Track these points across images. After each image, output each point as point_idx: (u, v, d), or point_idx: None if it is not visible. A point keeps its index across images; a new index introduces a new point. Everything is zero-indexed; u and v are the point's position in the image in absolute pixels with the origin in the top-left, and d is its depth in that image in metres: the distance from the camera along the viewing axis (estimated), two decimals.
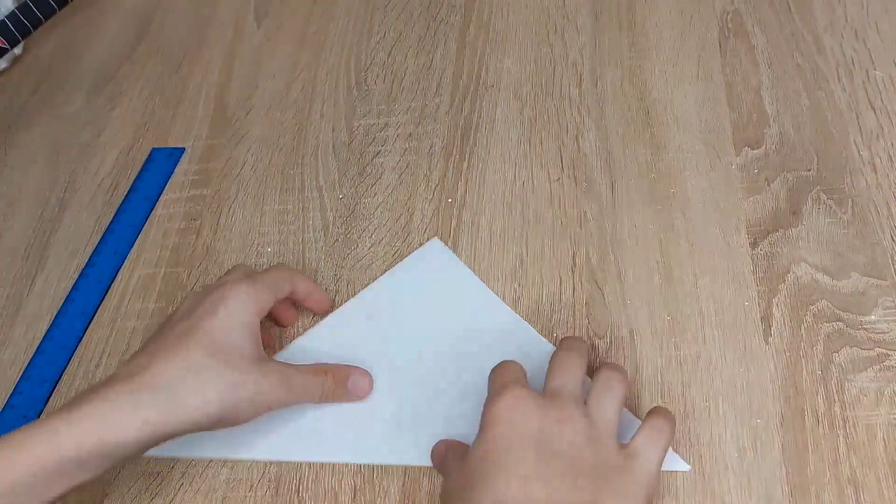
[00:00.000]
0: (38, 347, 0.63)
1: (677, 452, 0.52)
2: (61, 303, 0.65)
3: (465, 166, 0.69)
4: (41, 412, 0.60)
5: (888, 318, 0.56)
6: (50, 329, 0.64)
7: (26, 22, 0.78)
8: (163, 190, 0.72)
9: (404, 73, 0.76)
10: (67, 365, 0.62)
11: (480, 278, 0.62)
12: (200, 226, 0.69)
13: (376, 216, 0.67)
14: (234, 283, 0.54)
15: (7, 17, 0.77)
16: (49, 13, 0.79)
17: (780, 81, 0.69)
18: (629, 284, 0.60)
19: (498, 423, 0.47)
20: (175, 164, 0.73)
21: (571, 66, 0.74)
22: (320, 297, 0.61)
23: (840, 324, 0.56)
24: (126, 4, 0.89)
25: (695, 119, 0.68)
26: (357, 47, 0.80)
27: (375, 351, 0.59)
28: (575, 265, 0.61)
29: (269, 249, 0.66)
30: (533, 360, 0.53)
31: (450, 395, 0.56)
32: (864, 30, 0.71)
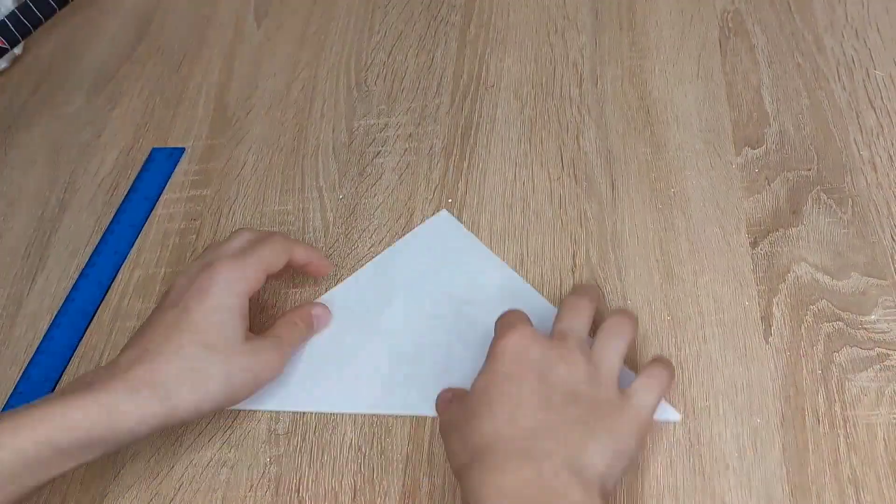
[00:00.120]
0: (39, 347, 0.63)
1: (677, 452, 0.52)
2: (61, 302, 0.65)
3: (465, 166, 0.69)
4: None
5: (888, 317, 0.56)
6: (50, 329, 0.64)
7: (26, 22, 0.78)
8: (163, 190, 0.72)
9: (404, 73, 0.76)
10: (67, 365, 0.62)
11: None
12: (200, 226, 0.69)
13: (376, 216, 0.67)
14: (222, 264, 0.54)
15: (7, 17, 0.77)
16: (49, 13, 0.79)
17: (781, 81, 0.69)
18: (629, 283, 0.60)
19: (502, 357, 0.49)
20: (175, 164, 0.73)
21: (571, 65, 0.74)
22: (319, 262, 0.61)
23: (840, 323, 0.56)
24: (126, 4, 0.89)
25: (695, 118, 0.68)
26: (357, 47, 0.80)
27: (389, 314, 0.61)
28: (575, 264, 0.61)
29: None
30: (538, 323, 0.55)
31: (458, 351, 0.58)
32: (864, 29, 0.71)
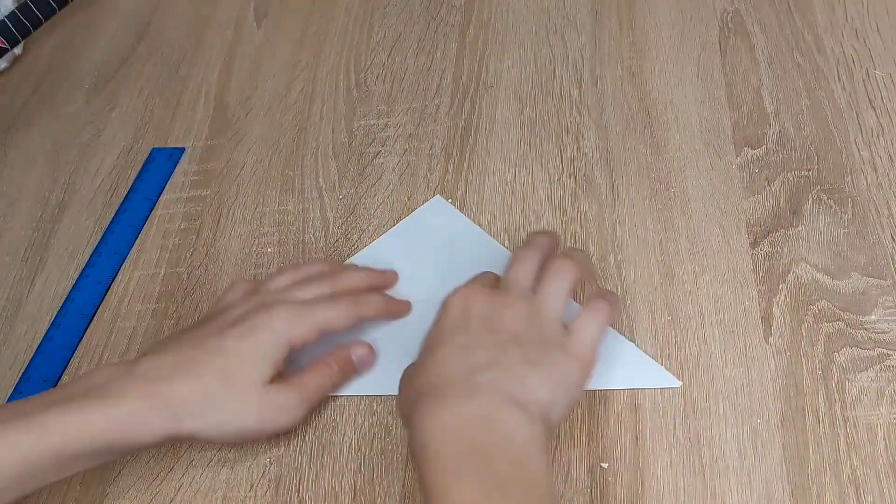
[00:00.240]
0: (38, 347, 0.63)
1: (677, 452, 0.52)
2: (61, 303, 0.65)
3: (465, 167, 0.69)
4: None
5: (888, 317, 0.56)
6: (50, 329, 0.64)
7: (26, 22, 0.78)
8: (163, 190, 0.72)
9: (404, 73, 0.76)
10: (67, 365, 0.62)
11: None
12: (200, 226, 0.69)
13: (376, 217, 0.67)
14: (280, 314, 0.54)
15: (7, 17, 0.77)
16: (49, 13, 0.79)
17: (781, 81, 0.69)
18: (629, 284, 0.60)
19: (448, 312, 0.51)
20: (175, 164, 0.73)
21: (571, 66, 0.74)
22: (397, 311, 0.60)
23: (840, 323, 0.56)
24: (126, 4, 0.89)
25: (695, 119, 0.68)
26: (357, 47, 0.80)
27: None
28: None
29: (269, 250, 0.66)
30: None
31: None
32: (864, 29, 0.71)
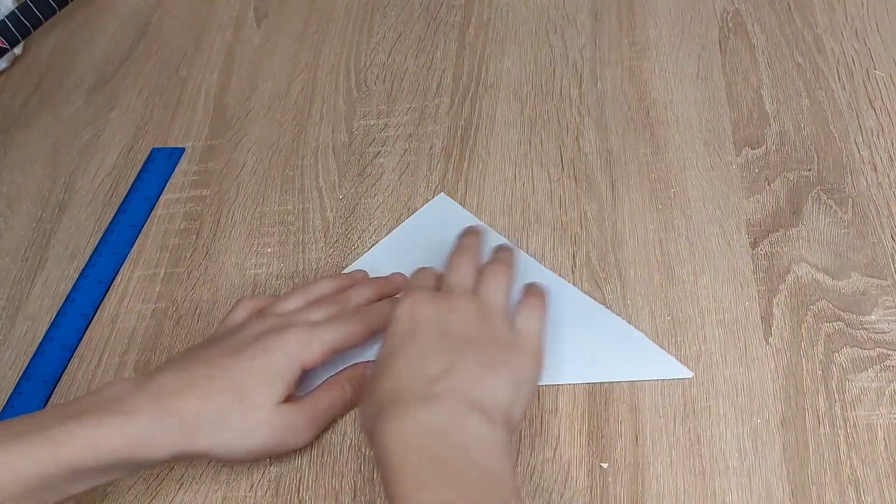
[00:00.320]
0: (38, 347, 0.63)
1: (677, 452, 0.52)
2: (61, 303, 0.65)
3: (465, 167, 0.69)
4: None
5: (888, 317, 0.56)
6: (50, 329, 0.64)
7: (26, 22, 0.78)
8: (163, 190, 0.72)
9: (404, 73, 0.76)
10: (67, 365, 0.62)
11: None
12: (200, 226, 0.69)
13: (376, 217, 0.67)
14: (294, 336, 0.53)
15: (7, 17, 0.77)
16: (49, 13, 0.79)
17: (781, 81, 0.69)
18: (629, 284, 0.60)
19: (398, 320, 0.51)
20: (175, 164, 0.73)
21: (571, 66, 0.74)
22: None
23: (840, 324, 0.56)
24: (126, 4, 0.89)
25: (695, 119, 0.68)
26: (357, 47, 0.80)
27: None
28: (575, 265, 0.61)
29: (269, 250, 0.66)
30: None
31: None
32: (864, 29, 0.71)
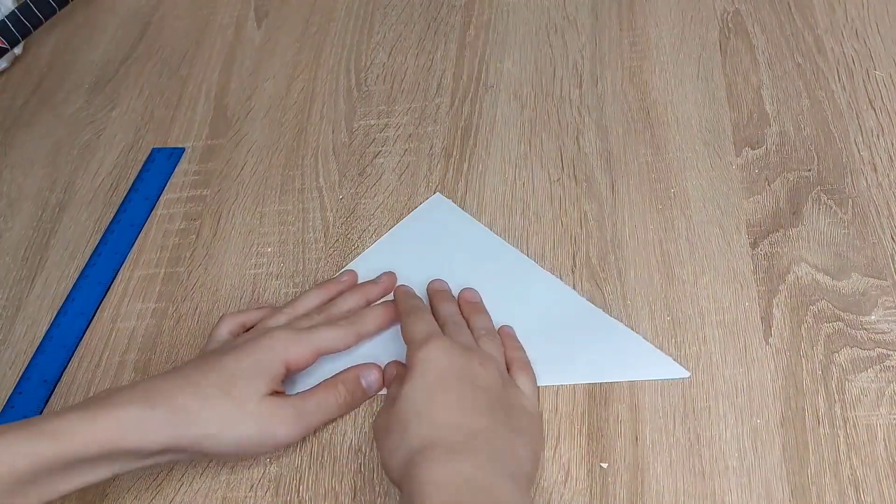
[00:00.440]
0: (39, 347, 0.63)
1: (677, 452, 0.52)
2: (61, 302, 0.65)
3: (465, 167, 0.69)
4: (41, 412, 0.59)
5: (888, 318, 0.56)
6: (50, 329, 0.64)
7: (26, 22, 0.78)
8: (163, 190, 0.72)
9: (404, 73, 0.76)
10: (67, 365, 0.62)
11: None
12: (200, 226, 0.69)
13: (376, 217, 0.67)
14: (279, 337, 0.55)
15: (7, 17, 0.77)
16: (49, 13, 0.79)
17: (781, 81, 0.69)
18: (629, 284, 0.60)
19: (427, 367, 0.52)
20: (175, 164, 0.73)
21: (571, 66, 0.74)
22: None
23: (840, 324, 0.56)
24: (126, 4, 0.89)
25: (695, 119, 0.68)
26: (357, 48, 0.80)
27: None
28: (575, 265, 0.61)
29: (269, 250, 0.66)
30: (541, 297, 0.60)
31: None
32: (864, 30, 0.71)
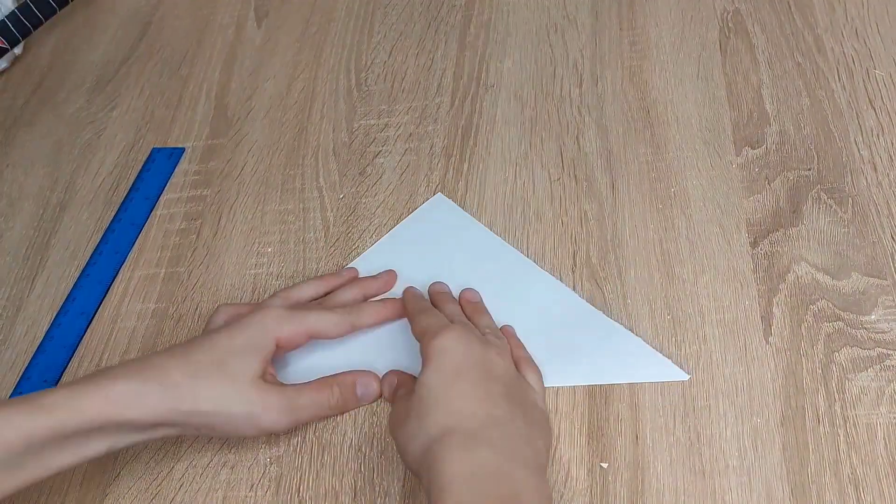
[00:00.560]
0: (39, 347, 0.63)
1: (677, 451, 0.52)
2: (62, 302, 0.65)
3: (465, 167, 0.69)
4: None
5: (888, 317, 0.56)
6: (50, 329, 0.64)
7: (26, 22, 0.78)
8: (163, 190, 0.72)
9: (404, 73, 0.76)
10: (68, 365, 0.62)
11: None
12: (201, 226, 0.69)
13: (377, 216, 0.67)
14: (270, 312, 0.56)
15: (7, 17, 0.77)
16: (49, 13, 0.79)
17: (781, 81, 0.69)
18: (629, 284, 0.60)
19: (444, 354, 0.52)
20: (175, 164, 0.73)
21: (571, 66, 0.74)
22: (399, 311, 0.60)
23: (840, 323, 0.56)
24: (126, 4, 0.89)
25: (695, 118, 0.68)
26: (357, 47, 0.80)
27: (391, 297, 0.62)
28: (575, 265, 0.61)
29: (269, 249, 0.66)
30: (541, 298, 0.60)
31: None
32: (864, 29, 0.71)
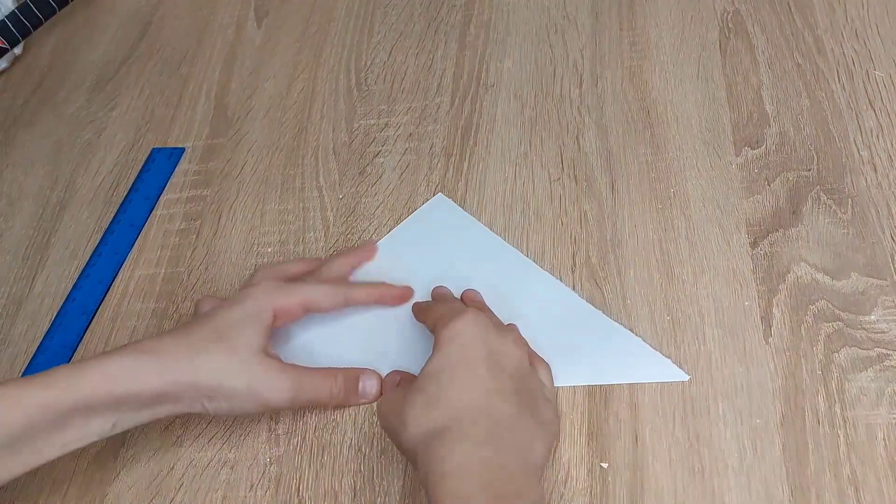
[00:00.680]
0: (39, 347, 0.63)
1: (677, 452, 0.52)
2: (62, 302, 0.65)
3: (465, 166, 0.69)
4: None
5: (888, 318, 0.56)
6: (50, 329, 0.64)
7: (26, 22, 0.78)
8: (163, 190, 0.72)
9: (404, 73, 0.76)
10: None
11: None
12: (201, 226, 0.69)
13: (377, 216, 0.67)
14: (264, 284, 0.56)
15: (7, 17, 0.77)
16: (49, 13, 0.79)
17: (780, 81, 0.69)
18: (629, 284, 0.60)
19: (456, 340, 0.51)
20: (175, 164, 0.73)
21: (571, 66, 0.74)
22: (395, 294, 0.61)
23: (840, 324, 0.56)
24: (126, 4, 0.89)
25: (695, 119, 0.68)
26: (357, 47, 0.80)
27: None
28: (575, 265, 0.61)
29: (269, 249, 0.66)
30: (541, 299, 0.60)
31: None
32: (864, 30, 0.71)
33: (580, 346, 0.57)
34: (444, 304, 0.57)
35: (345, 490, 0.54)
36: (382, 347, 0.59)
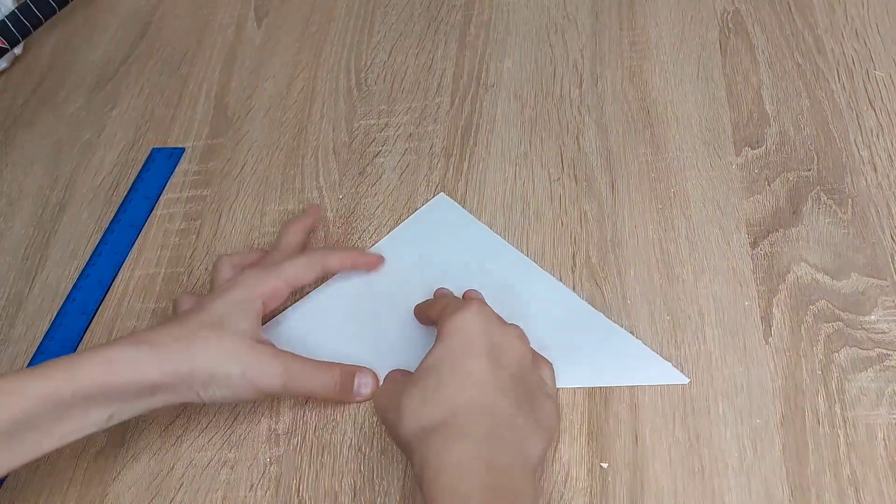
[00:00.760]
0: (39, 347, 0.63)
1: (677, 452, 0.52)
2: (62, 302, 0.65)
3: (465, 166, 0.69)
4: None
5: (888, 318, 0.56)
6: (50, 329, 0.64)
7: (26, 22, 0.78)
8: (163, 190, 0.72)
9: (404, 73, 0.76)
10: None
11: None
12: (201, 226, 0.69)
13: (377, 216, 0.67)
14: (246, 273, 0.57)
15: (7, 17, 0.77)
16: (49, 13, 0.79)
17: (781, 81, 0.69)
18: (629, 284, 0.60)
19: (458, 332, 0.51)
20: (175, 164, 0.73)
21: (571, 66, 0.74)
22: (365, 262, 0.62)
23: (840, 324, 0.56)
24: (126, 4, 0.89)
25: (695, 119, 0.68)
26: (357, 47, 0.80)
27: (396, 297, 0.61)
28: (575, 265, 0.61)
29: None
30: (542, 300, 0.60)
31: None
32: (864, 30, 0.71)
33: (580, 348, 0.57)
34: (449, 298, 0.57)
35: (345, 490, 0.54)
36: (382, 347, 0.59)
